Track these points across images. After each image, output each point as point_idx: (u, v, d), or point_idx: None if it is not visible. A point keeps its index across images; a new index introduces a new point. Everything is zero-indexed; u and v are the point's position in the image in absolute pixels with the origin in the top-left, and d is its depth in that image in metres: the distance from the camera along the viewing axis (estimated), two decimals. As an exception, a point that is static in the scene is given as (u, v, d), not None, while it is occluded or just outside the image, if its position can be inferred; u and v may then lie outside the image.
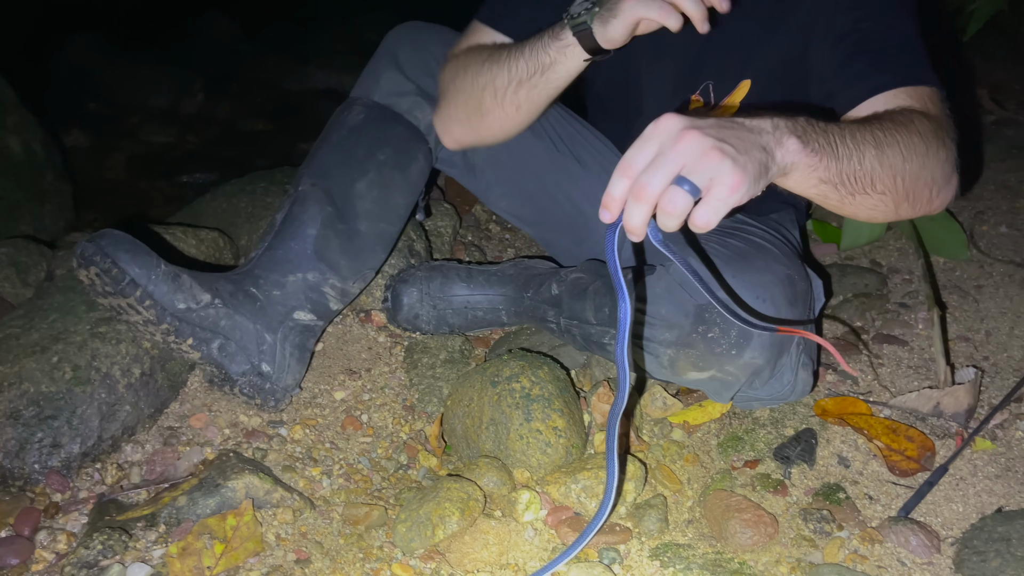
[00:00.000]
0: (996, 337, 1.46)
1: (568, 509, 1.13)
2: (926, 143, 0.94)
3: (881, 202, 0.93)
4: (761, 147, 0.78)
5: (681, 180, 0.73)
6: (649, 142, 0.75)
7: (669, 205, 0.72)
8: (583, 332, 1.30)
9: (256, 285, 1.23)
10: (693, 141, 0.73)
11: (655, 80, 1.28)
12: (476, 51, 1.26)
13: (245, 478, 1.07)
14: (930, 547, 1.04)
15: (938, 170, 0.97)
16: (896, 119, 0.95)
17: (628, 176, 0.75)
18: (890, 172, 0.91)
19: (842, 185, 0.87)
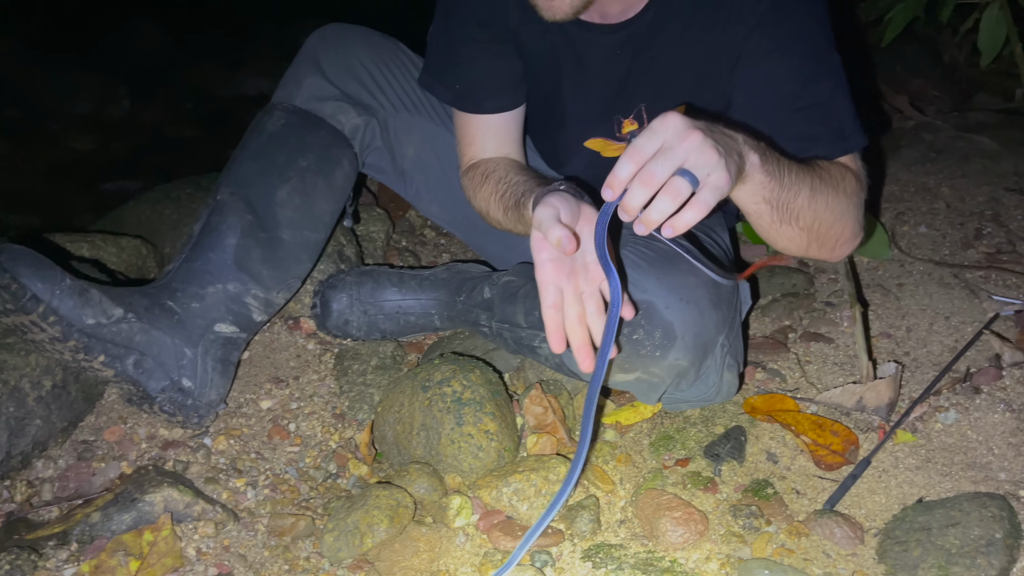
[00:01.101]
0: (916, 333, 1.50)
1: (500, 513, 1.12)
2: (847, 202, 1.08)
3: (798, 237, 1.06)
4: (737, 152, 0.88)
5: (684, 172, 0.81)
6: (657, 134, 0.83)
7: (673, 190, 0.81)
8: (514, 336, 1.29)
9: (173, 298, 1.18)
10: (697, 139, 0.82)
11: (581, 101, 1.28)
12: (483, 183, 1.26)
13: (164, 491, 1.03)
14: (854, 538, 1.06)
15: (848, 227, 1.10)
16: (832, 173, 1.07)
17: (636, 162, 0.83)
18: (813, 215, 1.03)
19: (777, 210, 0.99)
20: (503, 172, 1.24)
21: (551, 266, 0.96)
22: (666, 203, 0.81)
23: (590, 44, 1.19)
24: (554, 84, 1.26)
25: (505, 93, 1.28)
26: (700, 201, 0.82)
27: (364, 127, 1.38)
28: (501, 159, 1.28)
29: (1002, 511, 1.01)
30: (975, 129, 2.36)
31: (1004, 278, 1.61)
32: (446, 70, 1.29)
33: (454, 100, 1.31)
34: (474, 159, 1.30)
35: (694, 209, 0.82)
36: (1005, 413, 1.21)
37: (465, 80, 1.27)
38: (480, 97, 1.28)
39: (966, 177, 2.08)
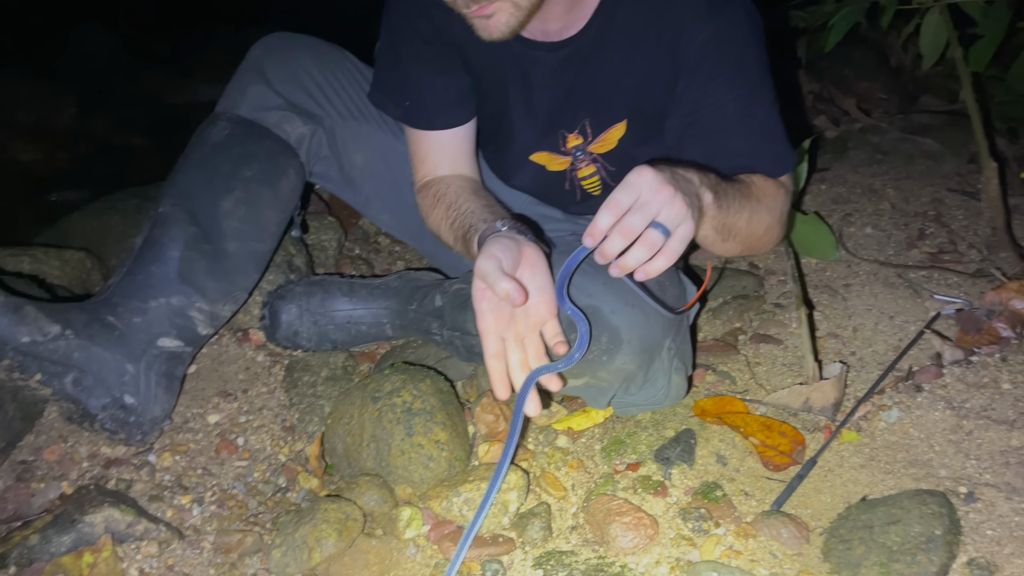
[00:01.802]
0: (862, 333, 1.53)
1: (451, 523, 1.12)
2: (776, 216, 1.18)
3: (733, 248, 1.16)
4: (696, 195, 0.97)
5: (657, 224, 0.90)
6: (633, 188, 0.90)
7: (648, 241, 0.89)
8: (465, 343, 1.29)
9: (114, 313, 1.16)
10: (668, 194, 0.90)
11: (527, 116, 1.28)
12: (435, 205, 1.28)
13: (104, 511, 1.01)
14: (800, 538, 1.08)
15: (775, 233, 1.21)
16: (767, 191, 1.16)
17: (615, 214, 0.90)
18: (749, 232, 1.12)
19: (720, 232, 1.08)
20: (453, 197, 1.24)
21: (491, 316, 1.00)
22: (641, 252, 0.90)
23: (534, 61, 1.20)
24: (501, 99, 1.26)
25: (454, 109, 1.28)
26: (670, 250, 0.90)
27: (310, 136, 1.37)
28: (453, 179, 1.28)
29: (942, 508, 1.03)
30: (920, 131, 2.41)
31: (946, 277, 1.64)
32: (395, 87, 1.28)
33: (405, 117, 1.31)
34: (427, 177, 1.30)
35: (665, 257, 0.91)
36: (945, 411, 1.23)
37: (414, 97, 1.27)
38: (430, 114, 1.28)
39: (911, 178, 2.12)
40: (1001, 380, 1.27)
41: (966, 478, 1.12)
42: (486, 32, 1.03)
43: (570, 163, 1.30)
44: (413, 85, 1.26)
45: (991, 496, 1.07)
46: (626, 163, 1.29)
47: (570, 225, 1.38)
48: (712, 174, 1.03)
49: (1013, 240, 1.62)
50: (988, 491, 1.08)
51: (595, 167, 1.29)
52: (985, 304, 1.40)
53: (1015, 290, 1.37)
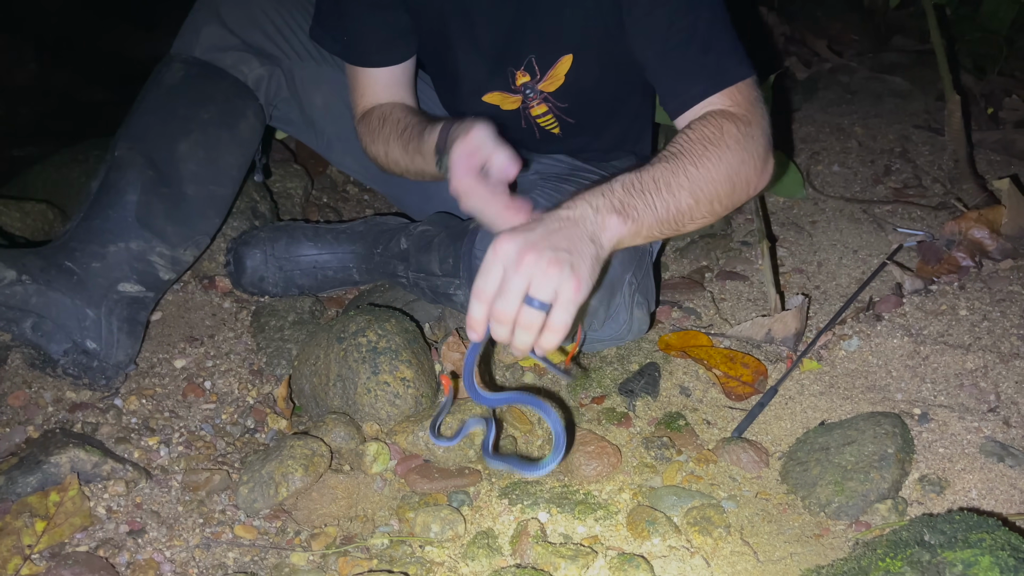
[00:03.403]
0: (826, 267, 1.54)
1: (417, 457, 1.13)
2: (735, 154, 1.01)
3: (707, 218, 1.03)
4: (589, 239, 0.87)
5: (530, 300, 0.83)
6: (493, 268, 0.84)
7: (525, 323, 0.84)
8: (430, 284, 1.30)
9: (71, 258, 1.15)
10: (531, 261, 0.82)
11: (471, 53, 1.26)
12: (387, 135, 1.25)
13: (70, 452, 1.01)
14: (759, 462, 1.10)
15: (750, 170, 1.04)
16: (707, 137, 1.01)
17: (484, 301, 0.85)
18: (706, 200, 1.00)
19: (667, 229, 0.98)
20: (401, 114, 1.23)
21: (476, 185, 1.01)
22: (523, 336, 0.85)
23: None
24: (442, 38, 1.25)
25: (390, 47, 1.27)
26: (554, 324, 0.84)
27: (268, 77, 1.35)
28: (396, 104, 1.27)
29: (895, 428, 1.06)
30: (889, 70, 2.41)
31: (910, 211, 1.66)
32: (333, 22, 1.27)
33: (342, 52, 1.30)
34: (368, 107, 1.29)
35: (551, 332, 0.84)
36: (904, 338, 1.26)
37: (352, 33, 1.25)
38: (366, 50, 1.27)
39: (879, 116, 2.13)
40: (959, 307, 1.29)
41: (921, 400, 1.15)
42: None
43: (521, 101, 1.29)
44: (350, 21, 1.24)
45: (944, 416, 1.10)
46: (579, 99, 1.28)
47: (532, 164, 1.38)
48: (618, 185, 0.93)
49: (975, 172, 1.63)
50: (941, 412, 1.11)
51: (547, 106, 1.29)
52: (945, 235, 1.42)
53: (974, 219, 1.39)
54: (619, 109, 1.36)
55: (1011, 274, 1.33)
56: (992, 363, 1.17)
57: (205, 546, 0.98)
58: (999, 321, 1.24)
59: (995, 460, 1.02)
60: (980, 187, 1.58)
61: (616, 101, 1.33)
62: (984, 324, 1.24)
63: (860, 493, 1.00)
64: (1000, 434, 1.06)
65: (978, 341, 1.22)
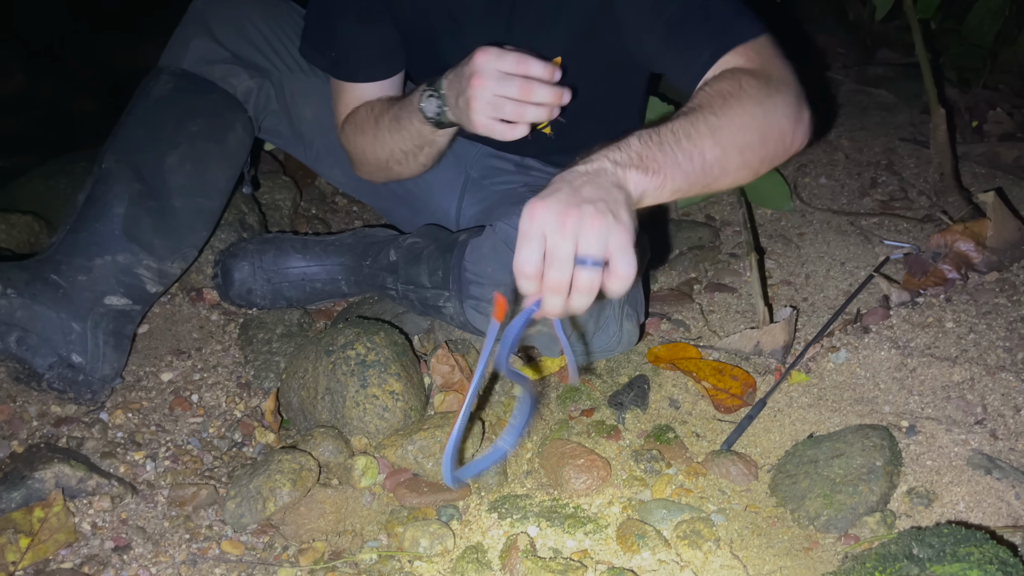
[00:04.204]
0: (814, 279, 1.55)
1: (406, 471, 1.13)
2: (760, 106, 0.95)
3: (740, 175, 0.96)
4: (616, 185, 0.81)
5: (582, 260, 0.76)
6: (535, 239, 0.77)
7: (583, 286, 0.77)
8: (419, 296, 1.29)
9: (57, 271, 1.14)
10: (574, 221, 0.76)
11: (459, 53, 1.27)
12: (361, 123, 1.27)
13: (55, 467, 1.01)
14: (748, 475, 1.10)
15: (782, 121, 0.97)
16: (724, 91, 0.95)
17: (532, 277, 0.77)
18: (735, 151, 0.93)
19: (695, 183, 0.90)
20: (385, 103, 1.25)
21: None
22: (582, 299, 0.78)
23: (464, 6, 1.18)
24: (432, 53, 1.25)
25: (378, 62, 1.27)
26: (621, 273, 0.77)
27: (257, 90, 1.35)
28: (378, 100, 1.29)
29: (883, 440, 1.06)
30: (875, 83, 2.44)
31: (896, 223, 1.67)
32: (322, 38, 1.27)
33: (329, 68, 1.30)
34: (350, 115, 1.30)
35: (620, 280, 0.77)
36: (891, 350, 1.26)
37: (339, 48, 1.26)
38: (354, 66, 1.27)
39: (865, 129, 2.14)
40: (945, 319, 1.30)
41: (908, 413, 1.15)
42: None
43: None
44: (339, 37, 1.25)
45: (932, 429, 1.11)
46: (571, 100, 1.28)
47: (521, 176, 1.38)
48: (634, 141, 0.87)
49: (960, 184, 1.64)
50: (929, 424, 1.11)
51: None
52: (931, 247, 1.43)
53: (959, 232, 1.40)
54: (610, 113, 1.36)
55: (996, 287, 1.34)
56: (979, 375, 1.17)
57: (191, 562, 0.97)
58: (985, 334, 1.25)
59: (982, 473, 1.02)
60: (965, 200, 1.59)
61: (607, 104, 1.33)
62: (970, 336, 1.25)
63: (849, 506, 1.00)
64: (987, 446, 1.06)
65: (964, 353, 1.22)
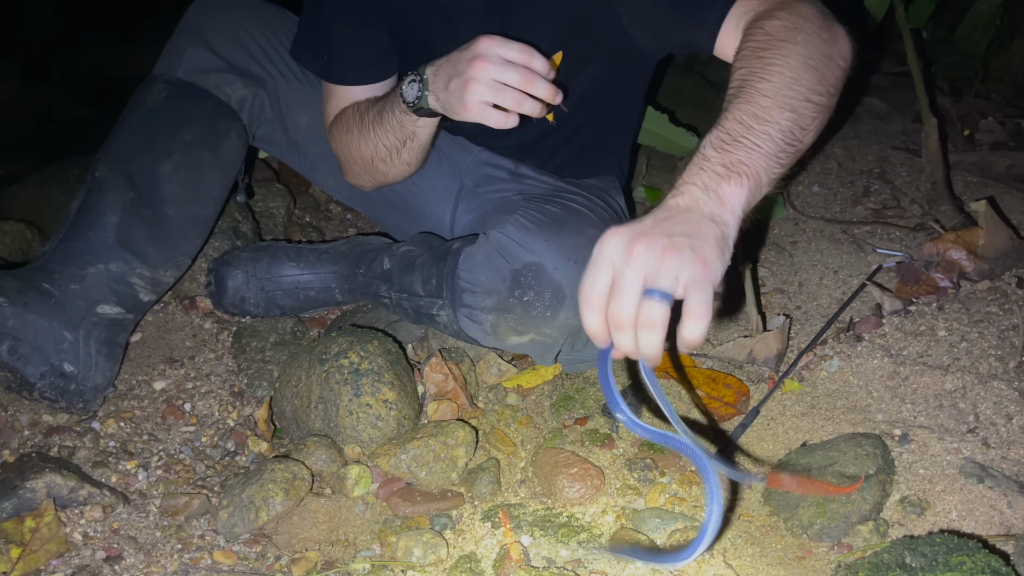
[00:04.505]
0: (807, 287, 1.55)
1: (399, 480, 1.13)
2: (796, 44, 0.89)
3: (818, 120, 0.89)
4: (708, 219, 0.75)
5: (650, 292, 0.71)
6: (602, 267, 0.74)
7: (648, 320, 0.71)
8: (413, 305, 1.29)
9: (50, 280, 1.14)
10: (643, 250, 0.72)
11: None
12: (348, 121, 1.27)
13: (46, 477, 1.00)
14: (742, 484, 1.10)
15: (822, 47, 0.91)
16: (761, 52, 0.90)
17: (597, 307, 0.74)
18: (802, 104, 0.86)
19: (785, 155, 0.84)
20: (370, 100, 1.26)
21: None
22: (649, 337, 0.71)
23: (458, 9, 1.19)
24: (424, 54, 1.25)
25: (370, 66, 1.28)
26: (694, 311, 0.70)
27: (252, 98, 1.35)
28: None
29: (876, 449, 1.06)
30: (868, 91, 2.44)
31: (888, 232, 1.68)
32: (313, 41, 1.27)
33: (321, 71, 1.30)
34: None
35: (695, 320, 0.70)
36: (884, 358, 1.27)
37: (331, 52, 1.26)
38: (345, 69, 1.28)
39: (857, 138, 2.15)
40: (937, 327, 1.31)
41: (901, 421, 1.15)
42: None
43: None
44: (331, 39, 1.25)
45: (924, 437, 1.11)
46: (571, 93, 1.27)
47: (516, 185, 1.38)
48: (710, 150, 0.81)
49: (952, 193, 1.65)
50: (921, 432, 1.12)
51: None
52: (923, 255, 1.43)
53: (951, 241, 1.40)
54: (609, 106, 1.36)
55: (988, 295, 1.35)
56: (971, 384, 1.18)
57: (183, 572, 0.97)
58: (977, 342, 1.25)
59: (975, 481, 1.02)
60: (957, 208, 1.60)
61: (606, 98, 1.33)
62: (963, 345, 1.25)
63: (842, 515, 1.00)
64: (979, 455, 1.07)
65: (957, 362, 1.23)
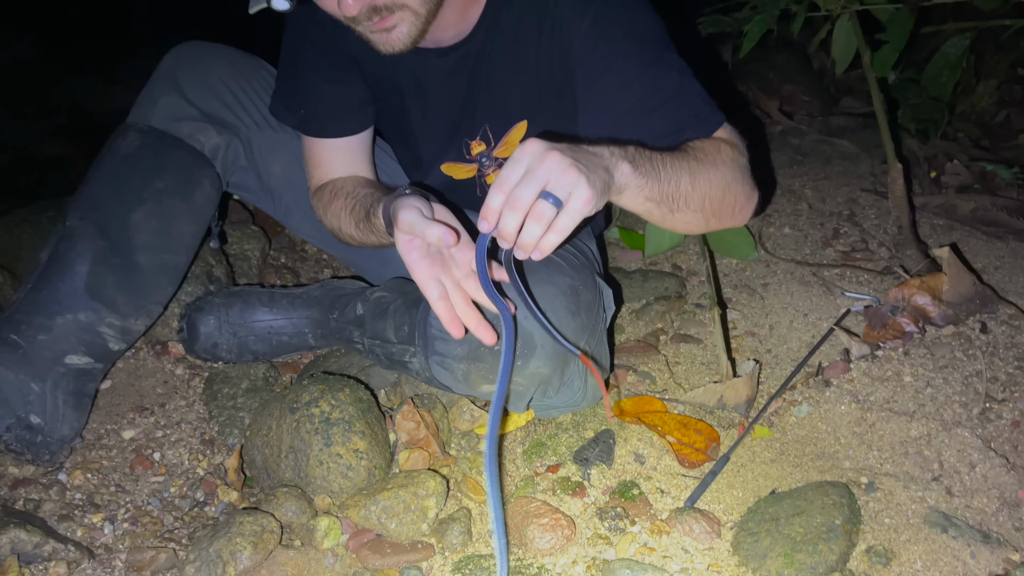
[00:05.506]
0: (778, 331, 1.57)
1: (369, 532, 1.12)
2: (729, 171, 1.10)
3: (694, 218, 1.09)
4: (604, 168, 0.92)
5: (547, 195, 0.87)
6: (519, 163, 0.88)
7: (538, 214, 0.86)
8: (385, 351, 1.29)
9: (17, 331, 1.13)
10: (555, 160, 0.86)
11: (427, 123, 1.30)
12: (332, 200, 1.29)
13: (10, 532, 0.99)
14: (711, 533, 1.11)
15: (739, 191, 1.12)
16: (707, 150, 1.10)
17: (503, 191, 0.87)
18: (700, 194, 1.06)
19: (663, 203, 1.02)
20: (351, 187, 1.25)
21: (425, 264, 1.00)
22: (534, 227, 0.87)
23: (426, 68, 1.21)
24: (399, 107, 1.28)
25: (348, 118, 1.29)
26: (560, 226, 0.87)
27: (226, 146, 1.36)
28: (349, 177, 1.29)
29: (842, 498, 1.07)
30: (837, 133, 2.49)
31: (857, 275, 1.70)
32: (291, 97, 1.29)
33: (299, 125, 1.32)
34: (323, 180, 1.31)
35: (556, 232, 0.88)
36: (851, 404, 1.28)
37: (308, 106, 1.28)
38: (323, 122, 1.29)
39: (828, 179, 2.19)
40: (903, 373, 1.33)
41: (867, 469, 1.17)
42: (387, 46, 1.04)
43: (476, 170, 1.32)
44: (308, 94, 1.27)
45: (890, 485, 1.12)
46: None
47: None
48: (631, 145, 0.99)
49: (918, 238, 1.68)
50: (887, 480, 1.13)
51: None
52: (890, 300, 1.46)
53: (916, 286, 1.43)
54: None
55: (952, 340, 1.37)
56: (935, 431, 1.19)
57: (148, 630, 0.95)
58: (942, 388, 1.27)
59: (939, 531, 1.03)
60: (923, 253, 1.63)
61: None
62: (927, 391, 1.27)
63: (809, 565, 1.01)
64: (943, 504, 1.08)
65: (922, 408, 1.25)
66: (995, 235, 1.80)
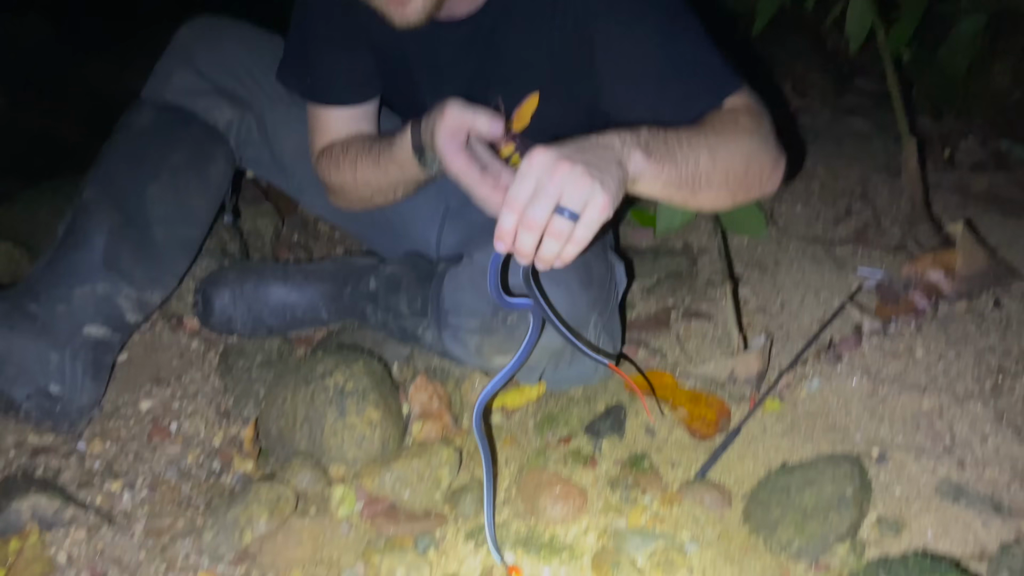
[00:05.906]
0: (789, 307, 1.57)
1: (384, 500, 1.14)
2: (750, 139, 1.06)
3: (719, 195, 1.06)
4: (616, 162, 0.90)
5: (561, 209, 0.85)
6: (528, 178, 0.85)
7: (555, 231, 0.85)
8: (399, 325, 1.31)
9: (36, 301, 1.15)
10: (565, 171, 0.84)
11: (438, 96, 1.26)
12: (345, 153, 1.28)
13: (31, 498, 1.01)
14: (722, 503, 1.12)
15: (764, 159, 1.09)
16: (723, 120, 1.07)
17: (515, 211, 0.85)
18: (722, 170, 1.03)
19: (683, 186, 0.99)
20: (363, 139, 1.27)
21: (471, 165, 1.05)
22: (552, 244, 0.86)
23: (439, 40, 1.21)
24: (409, 81, 1.28)
25: (354, 86, 1.29)
26: (578, 238, 0.87)
27: (239, 121, 1.36)
28: (356, 135, 1.30)
29: (853, 469, 1.07)
30: (851, 111, 2.48)
31: (869, 252, 1.70)
32: (299, 64, 1.29)
33: (305, 92, 1.32)
34: (327, 143, 1.31)
35: (575, 244, 0.87)
36: (863, 378, 1.28)
37: (315, 73, 1.28)
38: (330, 89, 1.29)
39: (841, 158, 2.18)
40: (915, 348, 1.33)
41: (879, 441, 1.17)
42: (402, 19, 1.04)
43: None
44: (315, 61, 1.27)
45: (901, 457, 1.13)
46: (545, 139, 1.31)
47: (501, 206, 1.40)
48: (643, 130, 0.96)
49: (931, 214, 1.68)
50: (899, 452, 1.13)
51: (513, 144, 1.31)
52: (902, 276, 1.46)
53: (929, 262, 1.43)
54: None
55: (965, 316, 1.37)
56: (947, 404, 1.19)
57: (167, 593, 0.97)
58: (954, 363, 1.27)
59: (950, 501, 1.04)
60: (936, 230, 1.63)
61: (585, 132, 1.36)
62: (940, 365, 1.28)
63: (820, 534, 1.02)
64: (955, 475, 1.08)
65: (934, 382, 1.25)
66: (1009, 212, 1.79)
